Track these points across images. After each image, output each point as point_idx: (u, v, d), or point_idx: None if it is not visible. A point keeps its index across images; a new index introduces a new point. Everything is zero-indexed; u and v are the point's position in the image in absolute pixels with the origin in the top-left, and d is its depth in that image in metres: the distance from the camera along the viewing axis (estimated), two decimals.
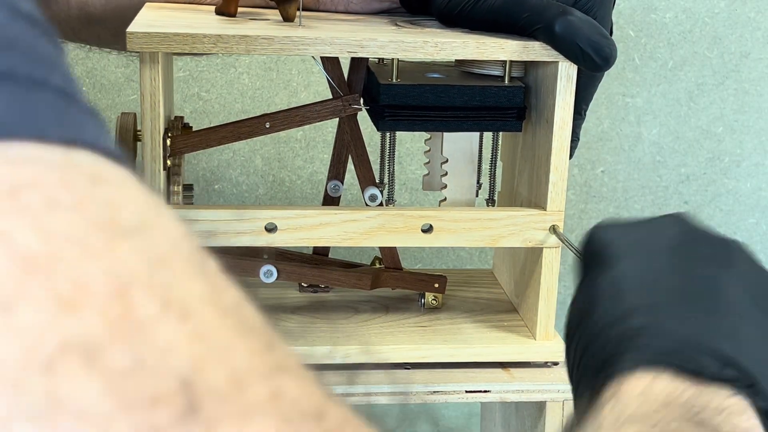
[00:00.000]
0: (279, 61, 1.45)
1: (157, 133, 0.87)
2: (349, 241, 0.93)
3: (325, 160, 1.49)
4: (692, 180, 1.51)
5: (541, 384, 0.93)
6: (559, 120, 0.91)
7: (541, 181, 0.94)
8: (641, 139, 1.49)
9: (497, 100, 0.95)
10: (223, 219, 0.91)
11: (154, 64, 0.86)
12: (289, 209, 0.92)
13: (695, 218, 0.62)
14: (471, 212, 0.94)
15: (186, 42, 0.85)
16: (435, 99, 0.94)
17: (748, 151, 1.50)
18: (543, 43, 0.88)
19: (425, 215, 0.93)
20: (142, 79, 0.86)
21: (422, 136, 1.48)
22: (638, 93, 1.47)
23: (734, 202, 1.52)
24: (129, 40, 0.85)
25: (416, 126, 0.95)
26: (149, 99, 0.86)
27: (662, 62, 1.46)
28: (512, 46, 0.89)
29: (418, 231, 0.93)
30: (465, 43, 0.89)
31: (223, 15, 0.96)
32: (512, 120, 0.96)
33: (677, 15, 1.45)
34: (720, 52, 1.46)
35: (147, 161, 0.88)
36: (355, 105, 0.97)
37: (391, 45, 0.88)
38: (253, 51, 0.87)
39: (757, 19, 1.45)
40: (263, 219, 0.91)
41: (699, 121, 1.49)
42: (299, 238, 0.92)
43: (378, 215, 0.92)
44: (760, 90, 1.48)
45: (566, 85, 0.90)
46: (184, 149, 0.93)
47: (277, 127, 0.95)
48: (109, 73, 1.45)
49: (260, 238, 0.91)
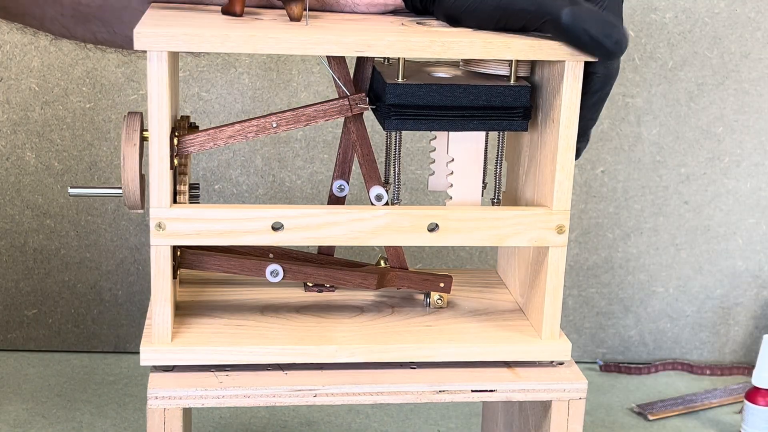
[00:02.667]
0: (279, 61, 1.45)
1: (164, 133, 0.87)
2: (355, 240, 0.92)
3: (325, 160, 1.49)
4: (692, 180, 1.51)
5: (547, 383, 0.93)
6: (565, 119, 0.91)
7: (547, 181, 0.94)
8: (641, 139, 1.49)
9: (503, 99, 0.95)
10: (230, 218, 0.91)
11: (161, 64, 0.86)
12: (295, 208, 0.92)
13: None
14: (477, 212, 0.94)
15: (193, 41, 0.85)
16: (441, 98, 0.94)
17: (748, 151, 1.50)
18: (552, 36, 0.89)
19: (432, 215, 0.93)
20: (149, 78, 0.86)
21: (423, 136, 1.48)
22: (638, 93, 1.47)
23: (734, 202, 1.52)
24: (136, 40, 0.85)
25: (422, 125, 0.95)
26: (156, 99, 0.86)
27: (662, 62, 1.46)
28: (519, 45, 0.89)
29: (425, 230, 0.93)
30: (472, 43, 0.89)
31: (230, 15, 0.96)
32: (518, 120, 0.96)
33: (677, 15, 1.45)
34: (720, 52, 1.47)
35: (154, 161, 0.88)
36: (362, 104, 0.96)
37: (398, 44, 0.88)
38: (261, 50, 0.86)
39: (757, 19, 1.45)
40: (270, 218, 0.91)
41: (699, 121, 1.49)
42: (306, 237, 0.92)
43: (385, 214, 0.92)
44: (760, 90, 1.48)
45: (572, 84, 0.90)
46: (191, 148, 0.93)
47: (284, 126, 0.95)
48: (109, 73, 1.44)
49: (266, 236, 0.91)
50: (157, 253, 0.91)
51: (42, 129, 1.46)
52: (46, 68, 1.44)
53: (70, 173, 1.47)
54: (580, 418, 0.95)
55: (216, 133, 0.94)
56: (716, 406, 1.45)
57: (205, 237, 0.90)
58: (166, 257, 0.91)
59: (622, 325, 1.56)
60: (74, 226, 1.49)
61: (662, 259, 1.54)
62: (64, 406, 1.40)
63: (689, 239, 1.53)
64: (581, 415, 0.95)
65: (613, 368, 1.54)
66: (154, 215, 0.89)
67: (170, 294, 0.92)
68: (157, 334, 0.93)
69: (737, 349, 1.57)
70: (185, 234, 0.90)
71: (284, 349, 0.93)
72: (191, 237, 0.90)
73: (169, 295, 0.92)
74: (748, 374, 1.50)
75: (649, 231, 1.53)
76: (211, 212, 0.91)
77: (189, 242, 0.90)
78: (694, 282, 1.55)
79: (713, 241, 1.53)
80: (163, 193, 0.88)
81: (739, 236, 1.53)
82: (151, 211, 0.89)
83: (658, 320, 1.56)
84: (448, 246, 1.51)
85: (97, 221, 1.49)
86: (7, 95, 1.44)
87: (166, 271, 0.91)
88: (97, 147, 1.47)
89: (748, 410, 1.32)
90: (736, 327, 1.57)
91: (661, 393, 1.49)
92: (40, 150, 1.47)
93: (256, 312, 1.01)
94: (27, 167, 1.47)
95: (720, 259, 1.54)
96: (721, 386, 1.50)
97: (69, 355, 1.52)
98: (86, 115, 1.46)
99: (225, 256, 0.99)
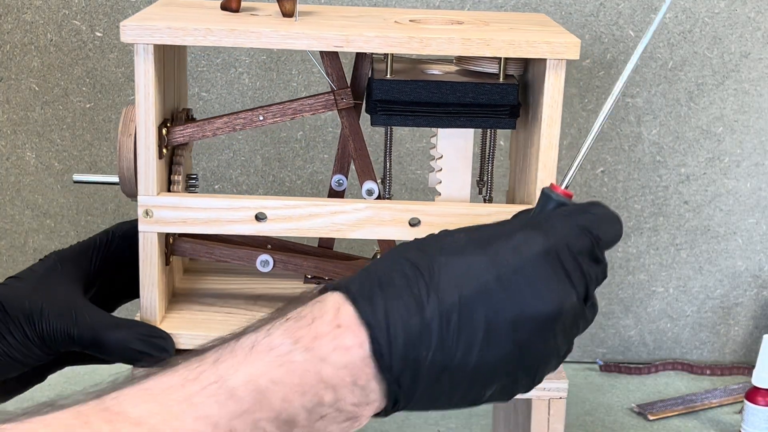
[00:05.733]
0: (279, 61, 1.46)
1: (150, 124, 0.89)
2: (337, 232, 0.94)
3: (325, 159, 1.49)
4: (692, 180, 1.51)
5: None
6: (548, 117, 0.91)
7: (531, 179, 0.94)
8: (641, 139, 1.49)
9: (490, 97, 0.95)
10: (215, 207, 0.93)
11: (147, 56, 0.88)
12: (278, 199, 0.94)
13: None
14: (458, 207, 0.95)
15: (177, 35, 0.88)
16: (428, 95, 0.95)
17: (748, 151, 1.50)
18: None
19: (413, 209, 0.94)
20: (136, 70, 0.89)
21: (423, 136, 1.48)
22: (638, 93, 1.47)
23: (734, 202, 1.52)
24: (122, 33, 0.87)
25: (409, 121, 0.96)
26: (143, 90, 0.89)
27: (662, 62, 1.46)
28: (498, 42, 0.89)
29: (407, 224, 0.94)
30: (451, 39, 0.89)
31: (227, 11, 0.98)
32: (505, 118, 0.96)
33: (677, 15, 1.45)
34: (720, 52, 1.46)
35: (141, 150, 0.91)
36: (346, 99, 0.97)
37: (376, 40, 0.89)
38: (241, 45, 0.88)
39: (757, 19, 1.45)
40: (253, 208, 0.94)
41: (699, 121, 1.49)
42: (288, 228, 0.94)
43: (366, 207, 0.93)
44: (760, 90, 1.48)
45: (554, 82, 0.90)
46: (180, 139, 0.96)
47: (271, 119, 0.96)
48: (109, 73, 1.45)
49: (250, 226, 0.94)
50: (145, 240, 0.94)
51: (42, 129, 1.47)
52: (46, 68, 1.44)
53: (70, 173, 1.48)
54: (562, 417, 0.95)
55: (204, 124, 0.96)
56: (716, 406, 1.45)
57: (191, 225, 0.93)
58: (153, 243, 0.94)
59: (622, 325, 1.56)
60: (74, 226, 1.50)
61: (662, 259, 1.53)
62: None
63: (689, 239, 1.53)
64: (562, 415, 0.95)
65: (613, 368, 1.54)
66: (141, 203, 0.93)
67: (157, 279, 0.95)
68: (144, 317, 0.97)
69: (737, 349, 1.57)
70: (171, 222, 0.93)
71: None
72: (177, 225, 0.93)
73: (156, 279, 0.95)
74: (748, 374, 1.49)
75: (649, 231, 1.53)
76: (196, 201, 0.94)
77: (175, 230, 0.94)
78: (694, 282, 1.54)
79: (713, 241, 1.53)
80: (150, 181, 0.92)
81: (739, 236, 1.53)
82: (139, 199, 0.93)
83: (658, 320, 1.56)
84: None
85: (97, 221, 1.50)
86: (7, 95, 1.45)
87: (153, 256, 0.94)
88: (97, 147, 1.47)
89: (748, 410, 1.31)
90: (736, 327, 1.56)
91: (661, 393, 1.48)
92: (40, 150, 1.47)
93: (249, 301, 1.04)
94: (27, 167, 1.48)
95: (720, 259, 1.53)
96: (721, 386, 1.50)
97: None
98: (86, 115, 1.46)
99: (217, 244, 1.01)
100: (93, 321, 0.92)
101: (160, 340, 0.94)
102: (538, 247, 0.72)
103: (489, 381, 0.72)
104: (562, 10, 1.43)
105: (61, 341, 0.92)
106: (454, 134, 0.98)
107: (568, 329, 0.74)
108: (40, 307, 0.92)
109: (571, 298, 0.72)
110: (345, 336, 0.69)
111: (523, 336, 0.71)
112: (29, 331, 0.92)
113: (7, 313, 0.92)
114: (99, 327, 0.92)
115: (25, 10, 1.42)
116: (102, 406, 0.62)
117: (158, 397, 0.64)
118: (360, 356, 0.69)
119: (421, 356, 0.69)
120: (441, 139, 0.99)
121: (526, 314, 0.71)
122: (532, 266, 0.71)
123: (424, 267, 0.71)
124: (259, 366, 0.67)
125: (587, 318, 0.76)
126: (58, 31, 1.43)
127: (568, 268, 0.73)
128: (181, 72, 1.05)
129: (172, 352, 0.95)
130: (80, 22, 1.43)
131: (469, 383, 0.72)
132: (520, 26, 0.98)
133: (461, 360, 0.70)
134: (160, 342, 0.93)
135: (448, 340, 0.70)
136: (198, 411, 0.63)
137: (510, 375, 0.72)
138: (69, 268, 0.98)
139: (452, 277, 0.71)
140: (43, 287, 0.94)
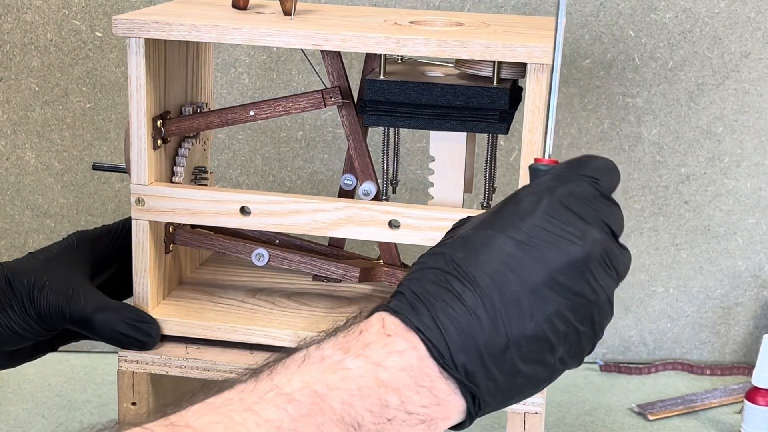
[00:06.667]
0: (279, 62, 1.46)
1: (142, 115, 0.92)
2: (318, 230, 0.96)
3: (325, 160, 1.49)
4: (692, 180, 1.51)
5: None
6: (528, 123, 0.91)
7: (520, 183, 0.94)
8: (641, 139, 1.49)
9: (480, 101, 0.95)
10: (202, 199, 0.96)
11: (138, 50, 0.90)
12: (262, 194, 0.96)
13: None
14: (437, 211, 0.95)
15: (164, 29, 0.91)
16: (417, 96, 0.95)
17: (748, 151, 1.50)
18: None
19: (392, 211, 0.95)
20: (129, 63, 0.91)
21: (423, 136, 1.48)
22: (638, 93, 1.47)
23: (734, 202, 1.51)
24: (114, 27, 0.89)
25: (399, 122, 0.96)
26: (135, 82, 0.91)
27: (662, 62, 1.46)
28: (474, 45, 0.89)
29: (386, 226, 0.95)
30: (427, 41, 0.90)
31: (237, 8, 1.01)
32: (495, 122, 0.96)
33: (677, 15, 1.45)
34: (720, 52, 1.46)
35: (134, 140, 0.95)
36: (335, 98, 0.98)
37: (354, 39, 0.90)
38: (224, 40, 0.91)
39: (757, 19, 1.45)
40: (238, 202, 0.96)
41: (699, 121, 1.49)
42: (271, 224, 0.97)
43: (345, 207, 0.95)
44: (760, 90, 1.48)
45: (534, 87, 0.90)
46: (176, 132, 0.99)
47: (261, 115, 0.98)
48: (109, 73, 1.45)
49: (236, 219, 0.97)
50: (137, 227, 0.98)
51: (42, 129, 1.47)
52: (46, 68, 1.45)
53: (70, 173, 1.48)
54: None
55: (197, 118, 0.99)
56: (716, 406, 1.44)
57: (180, 215, 0.96)
58: (145, 231, 0.97)
59: (622, 325, 1.56)
60: (74, 226, 1.50)
61: (662, 259, 1.53)
62: (64, 406, 1.40)
63: (689, 239, 1.53)
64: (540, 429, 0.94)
65: (613, 368, 1.53)
66: (134, 191, 0.97)
67: (149, 265, 0.98)
68: (136, 303, 0.99)
69: (737, 349, 1.57)
70: (161, 211, 0.97)
71: (249, 330, 0.98)
72: (167, 214, 0.97)
73: (148, 266, 0.98)
74: (748, 374, 1.49)
75: (649, 231, 1.52)
76: (184, 192, 0.97)
77: (166, 219, 0.99)
78: (694, 282, 1.54)
79: (713, 241, 1.53)
80: (142, 170, 0.96)
81: (739, 236, 1.53)
82: (131, 187, 0.97)
83: (658, 320, 1.56)
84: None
85: (97, 221, 1.50)
86: (7, 95, 1.46)
87: (145, 243, 0.97)
88: (97, 147, 1.48)
89: (748, 410, 1.31)
90: (736, 327, 1.56)
91: (661, 393, 1.48)
92: (40, 150, 1.48)
93: (249, 294, 1.06)
94: (27, 167, 1.48)
95: (720, 259, 1.53)
96: (721, 386, 1.49)
97: (69, 355, 1.53)
98: (86, 115, 1.47)
99: (217, 236, 1.03)
100: (86, 301, 0.96)
101: (146, 325, 0.97)
102: (543, 205, 0.74)
103: (552, 344, 0.72)
104: None
105: (56, 318, 0.96)
106: (446, 137, 0.98)
107: (606, 266, 0.75)
108: (43, 284, 0.97)
109: (591, 234, 0.74)
110: (396, 342, 0.69)
111: (563, 287, 0.72)
112: (29, 305, 0.96)
113: (12, 287, 0.97)
114: (90, 307, 0.95)
115: (25, 10, 1.42)
116: (167, 422, 0.64)
117: (219, 409, 0.65)
118: (416, 358, 0.69)
119: (480, 342, 0.70)
120: (433, 141, 0.99)
121: (558, 265, 0.72)
122: (544, 222, 0.73)
123: (446, 266, 0.72)
124: (313, 374, 0.68)
125: (619, 256, 0.76)
126: (58, 31, 1.43)
127: (577, 210, 0.74)
128: (197, 67, 1.07)
129: (156, 337, 0.98)
130: (80, 22, 1.43)
131: (536, 353, 0.72)
132: (516, 29, 0.97)
133: (518, 332, 0.71)
134: (145, 327, 0.97)
135: (497, 320, 0.70)
136: (259, 417, 0.65)
137: (568, 330, 0.72)
138: (84, 249, 1.03)
139: (475, 262, 0.72)
140: (53, 265, 0.99)
